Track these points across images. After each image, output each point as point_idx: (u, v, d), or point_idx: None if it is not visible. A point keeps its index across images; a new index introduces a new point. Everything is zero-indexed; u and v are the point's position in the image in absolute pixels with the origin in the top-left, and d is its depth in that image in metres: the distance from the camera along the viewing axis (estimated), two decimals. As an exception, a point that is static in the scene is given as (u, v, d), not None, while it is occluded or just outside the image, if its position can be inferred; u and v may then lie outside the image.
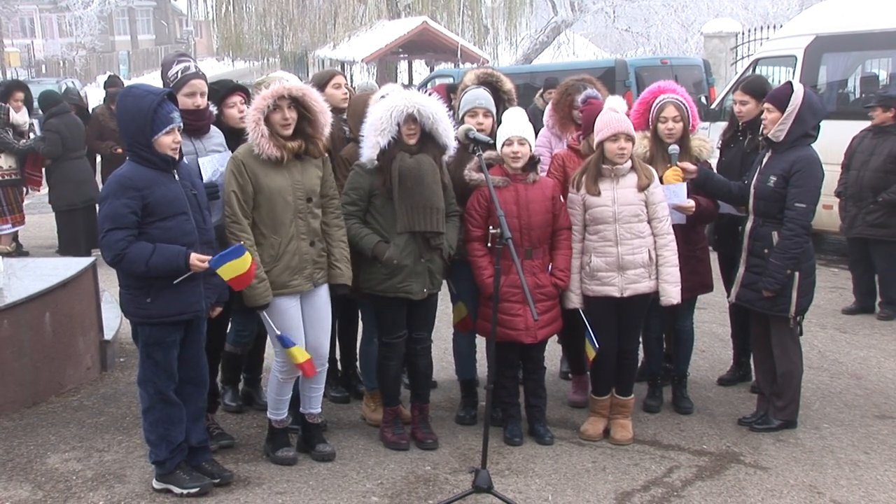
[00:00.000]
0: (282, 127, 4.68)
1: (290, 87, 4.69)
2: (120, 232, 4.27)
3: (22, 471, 4.97)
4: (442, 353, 6.22)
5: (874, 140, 8.11)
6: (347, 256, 4.94)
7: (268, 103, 4.63)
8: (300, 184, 4.77)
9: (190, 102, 4.86)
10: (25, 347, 5.82)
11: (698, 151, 5.58)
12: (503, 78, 5.78)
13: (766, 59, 11.36)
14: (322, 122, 4.81)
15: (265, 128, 4.64)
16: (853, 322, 7.91)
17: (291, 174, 4.76)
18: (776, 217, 5.21)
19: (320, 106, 4.79)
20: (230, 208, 4.68)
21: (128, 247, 4.27)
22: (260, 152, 4.66)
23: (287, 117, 4.69)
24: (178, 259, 4.31)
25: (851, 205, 8.20)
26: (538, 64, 25.47)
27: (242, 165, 4.68)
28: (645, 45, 31.61)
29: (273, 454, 5.04)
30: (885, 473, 4.90)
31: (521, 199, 5.07)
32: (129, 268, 4.33)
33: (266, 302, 4.70)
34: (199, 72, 4.98)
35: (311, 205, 4.83)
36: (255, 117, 4.64)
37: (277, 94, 4.65)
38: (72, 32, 52.91)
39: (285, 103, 4.67)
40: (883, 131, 8.08)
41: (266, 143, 4.64)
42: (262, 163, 4.70)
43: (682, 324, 5.78)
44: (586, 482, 4.81)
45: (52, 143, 10.48)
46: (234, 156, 4.77)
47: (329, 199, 4.94)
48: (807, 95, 5.16)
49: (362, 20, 31.66)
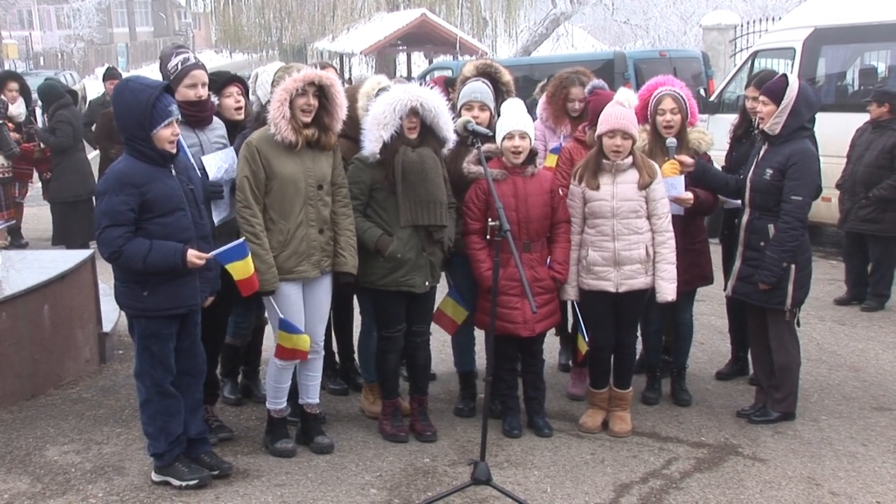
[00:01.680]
0: (303, 112, 4.70)
1: (321, 75, 4.73)
2: (117, 229, 4.26)
3: (21, 463, 4.98)
4: (441, 345, 6.22)
5: (872, 135, 8.13)
6: (354, 245, 4.94)
7: (298, 86, 4.64)
8: (311, 171, 4.78)
9: (192, 94, 4.85)
10: (24, 340, 5.82)
11: (697, 144, 5.57)
12: (502, 70, 5.76)
13: (764, 51, 11.34)
14: (338, 116, 4.83)
15: (288, 109, 4.65)
16: (851, 314, 7.92)
17: (303, 161, 4.76)
18: (772, 210, 5.21)
19: (341, 100, 4.82)
20: (242, 193, 4.70)
21: (125, 244, 4.26)
22: (276, 132, 4.66)
23: (311, 103, 4.70)
24: (175, 257, 4.30)
25: (846, 198, 8.24)
26: (537, 56, 25.42)
27: (257, 152, 4.69)
28: (644, 37, 31.59)
29: (272, 446, 5.04)
30: (883, 465, 4.91)
31: (520, 192, 5.07)
32: (127, 265, 4.32)
33: (273, 289, 4.71)
34: (199, 62, 4.96)
35: (322, 192, 4.83)
36: (281, 97, 4.64)
37: (309, 79, 4.67)
38: (70, 24, 52.88)
39: (311, 90, 4.69)
40: (880, 126, 8.09)
41: (285, 125, 4.65)
42: (275, 148, 4.70)
43: (681, 316, 5.78)
44: (585, 474, 4.82)
45: (65, 135, 10.45)
46: (248, 141, 4.77)
47: (338, 187, 4.95)
48: (802, 88, 5.15)
49: (361, 12, 31.64)
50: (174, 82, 4.74)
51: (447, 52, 27.89)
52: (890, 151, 7.91)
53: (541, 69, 15.24)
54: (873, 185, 7.97)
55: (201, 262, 4.36)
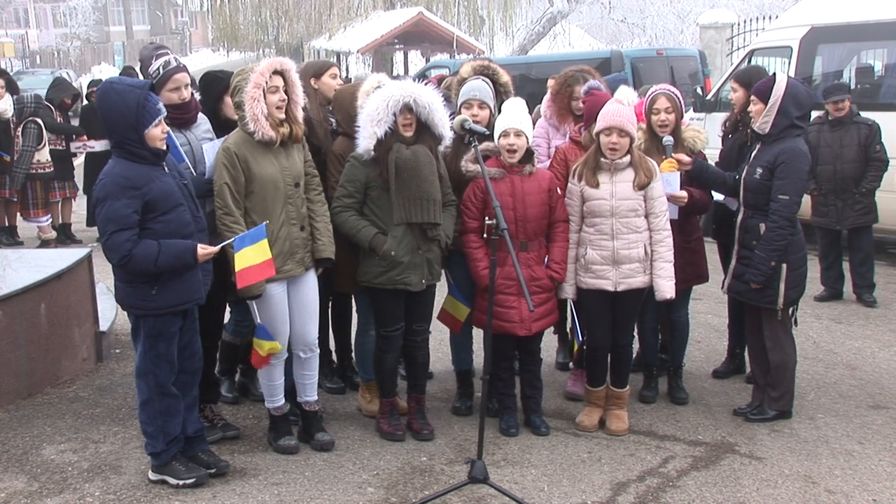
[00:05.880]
0: (277, 109, 4.69)
1: (281, 61, 4.75)
2: (125, 233, 4.24)
3: (17, 462, 4.97)
4: (438, 343, 6.22)
5: (835, 132, 8.11)
6: (330, 230, 4.95)
7: (266, 78, 4.62)
8: (288, 169, 4.78)
9: (176, 97, 4.85)
10: (21, 338, 5.81)
11: (692, 143, 5.60)
12: (500, 70, 5.72)
13: (761, 49, 11.34)
14: (298, 100, 4.82)
15: (264, 105, 4.64)
16: (848, 312, 7.94)
17: (279, 160, 4.76)
18: (763, 209, 5.22)
19: (297, 80, 4.82)
20: (222, 200, 4.66)
21: (133, 247, 4.24)
22: (255, 130, 4.63)
23: (283, 98, 4.70)
24: (187, 255, 4.32)
25: (834, 199, 8.20)
26: (534, 55, 25.42)
27: (235, 157, 4.67)
28: (641, 35, 31.62)
29: (275, 443, 5.05)
30: (880, 463, 4.92)
31: (517, 191, 5.06)
32: (138, 268, 4.30)
33: (260, 292, 4.70)
34: (180, 64, 4.97)
35: (299, 190, 4.85)
36: (254, 94, 4.61)
37: (272, 67, 4.66)
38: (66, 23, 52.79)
39: (280, 84, 4.68)
40: (840, 123, 8.11)
41: (265, 122, 4.63)
42: (252, 149, 4.68)
43: (677, 314, 5.79)
44: (582, 473, 4.82)
45: None
46: (225, 147, 4.73)
47: (310, 177, 4.96)
48: (790, 86, 5.16)
49: (358, 11, 31.66)
50: (157, 87, 4.73)
51: (444, 50, 27.92)
52: (865, 143, 8.01)
53: (538, 68, 15.27)
54: (861, 180, 8.05)
55: (211, 254, 4.39)
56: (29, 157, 10.80)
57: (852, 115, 8.12)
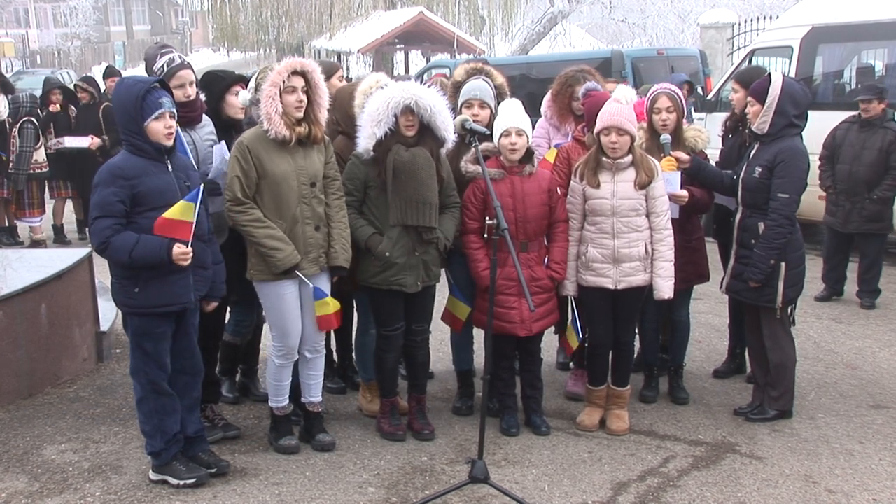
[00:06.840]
0: (295, 109, 4.69)
1: (302, 62, 4.73)
2: (107, 220, 4.28)
3: (18, 462, 4.97)
4: (439, 343, 6.22)
5: (862, 133, 8.07)
6: (347, 238, 4.93)
7: (283, 78, 4.63)
8: (304, 169, 4.77)
9: (180, 94, 4.85)
10: (21, 339, 5.81)
11: (693, 142, 5.60)
12: (494, 72, 5.71)
13: (762, 49, 11.34)
14: (322, 102, 4.82)
15: (280, 104, 4.64)
16: (848, 312, 7.94)
17: (295, 159, 4.75)
18: (762, 208, 5.23)
19: (322, 83, 4.81)
20: (231, 192, 4.68)
21: (113, 235, 4.27)
22: (269, 129, 4.65)
23: (301, 99, 4.70)
24: (161, 252, 4.30)
25: (844, 199, 8.16)
26: (534, 55, 25.41)
27: (248, 151, 4.68)
28: (641, 35, 31.63)
29: (276, 443, 5.05)
30: (880, 463, 4.92)
31: (517, 191, 5.07)
32: (114, 256, 4.34)
33: (297, 261, 4.71)
34: (185, 62, 4.98)
35: (316, 189, 4.82)
36: (270, 92, 4.63)
37: (291, 67, 4.66)
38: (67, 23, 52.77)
39: (299, 85, 4.68)
40: (870, 124, 8.05)
41: (279, 121, 4.64)
42: (267, 146, 4.69)
43: (678, 314, 5.79)
44: (582, 472, 4.82)
45: None
46: (239, 140, 4.76)
47: (331, 180, 4.94)
48: (786, 86, 5.16)
49: (358, 10, 31.63)
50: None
51: (444, 50, 27.90)
52: (887, 149, 7.91)
53: (538, 68, 15.26)
54: (875, 185, 7.96)
55: (186, 260, 4.34)
56: (28, 157, 10.75)
57: (884, 119, 8.01)
